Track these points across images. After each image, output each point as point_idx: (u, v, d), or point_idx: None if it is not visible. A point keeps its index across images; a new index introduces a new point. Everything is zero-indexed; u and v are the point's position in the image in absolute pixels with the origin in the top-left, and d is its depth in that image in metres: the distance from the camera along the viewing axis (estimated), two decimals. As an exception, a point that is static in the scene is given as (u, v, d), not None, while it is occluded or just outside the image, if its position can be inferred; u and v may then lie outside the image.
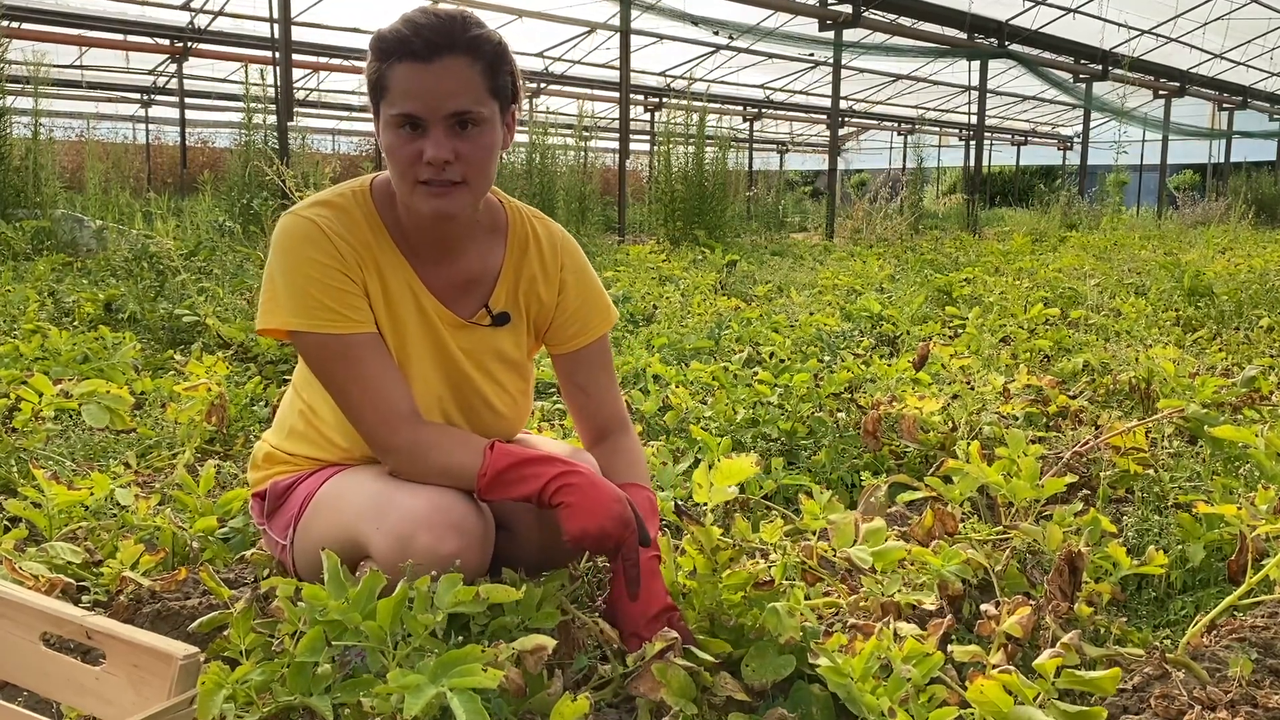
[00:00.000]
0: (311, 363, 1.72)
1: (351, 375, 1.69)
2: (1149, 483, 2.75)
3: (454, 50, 1.62)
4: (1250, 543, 2.04)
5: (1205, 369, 3.97)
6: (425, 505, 1.63)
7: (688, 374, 3.71)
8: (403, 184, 1.69)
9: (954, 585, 1.92)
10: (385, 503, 1.66)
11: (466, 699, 1.18)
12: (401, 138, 1.64)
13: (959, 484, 2.24)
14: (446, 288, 1.83)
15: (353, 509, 1.70)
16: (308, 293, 1.67)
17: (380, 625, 1.32)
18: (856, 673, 1.33)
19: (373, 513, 1.66)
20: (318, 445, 1.86)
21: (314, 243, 1.69)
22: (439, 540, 1.59)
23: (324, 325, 1.68)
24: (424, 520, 1.61)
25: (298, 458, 1.87)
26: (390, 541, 1.60)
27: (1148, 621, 2.29)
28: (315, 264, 1.68)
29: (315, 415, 1.86)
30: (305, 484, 1.82)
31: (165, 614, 1.95)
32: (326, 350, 1.69)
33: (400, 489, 1.69)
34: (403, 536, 1.60)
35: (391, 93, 1.63)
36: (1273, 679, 1.83)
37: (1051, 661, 1.30)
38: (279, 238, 1.71)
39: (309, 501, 1.78)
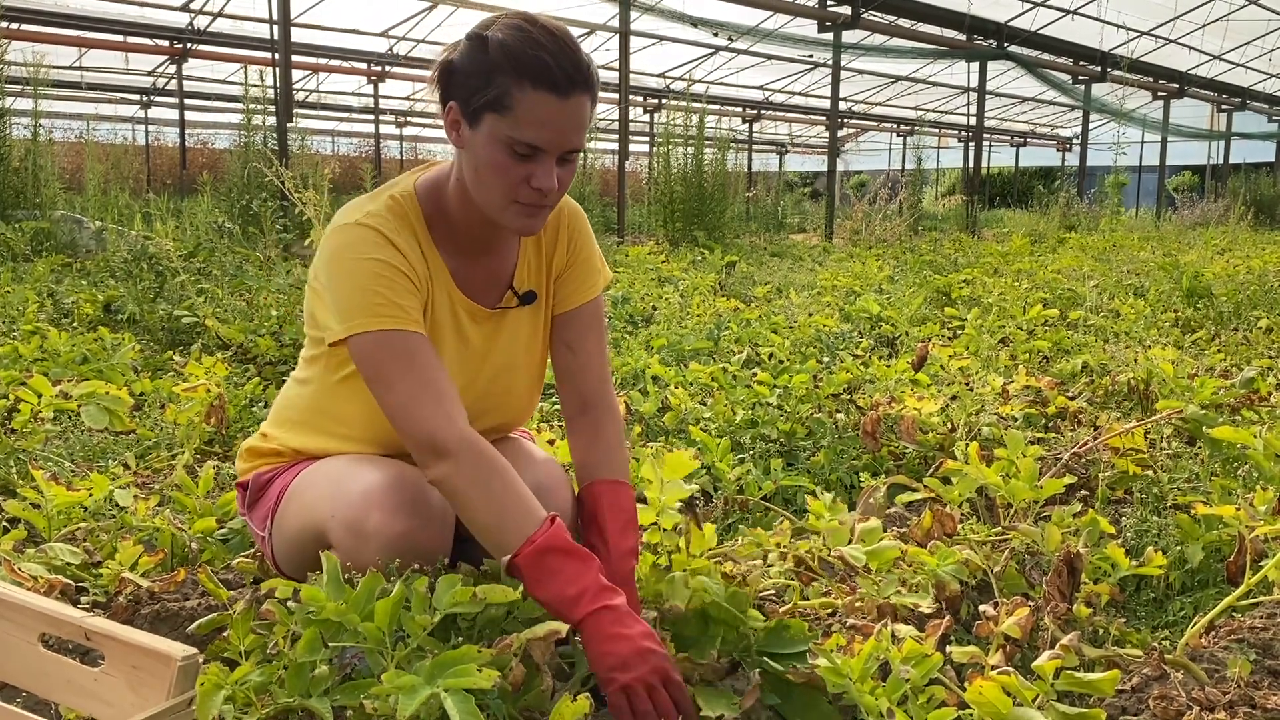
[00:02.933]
0: (369, 362, 1.63)
1: (410, 373, 1.62)
2: (1148, 484, 2.75)
3: (585, 87, 1.60)
4: (1249, 544, 2.05)
5: (1204, 370, 3.97)
6: (378, 483, 1.62)
7: (687, 375, 3.71)
8: (495, 199, 1.66)
9: (951, 586, 1.92)
10: (339, 486, 1.66)
11: (460, 699, 1.19)
12: (512, 159, 1.61)
13: (958, 485, 2.24)
14: (476, 281, 1.82)
15: (315, 497, 1.70)
16: (375, 291, 1.63)
17: (378, 626, 1.32)
18: (855, 673, 1.33)
19: (328, 499, 1.66)
20: (317, 433, 1.85)
21: (380, 247, 1.66)
22: (391, 519, 1.58)
23: (389, 322, 1.63)
24: (376, 500, 1.60)
25: (287, 451, 1.87)
26: (344, 528, 1.60)
27: (1146, 622, 2.29)
28: (383, 265, 1.65)
29: (331, 416, 1.83)
30: (282, 478, 1.82)
31: (164, 615, 1.95)
32: (388, 348, 1.62)
33: (354, 469, 1.68)
34: (355, 520, 1.59)
35: (518, 117, 1.58)
36: (1271, 680, 1.83)
37: (1050, 663, 1.31)
38: (342, 247, 1.67)
39: (284, 495, 1.78)
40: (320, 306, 1.72)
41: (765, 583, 2.03)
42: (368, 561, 1.57)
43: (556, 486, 1.86)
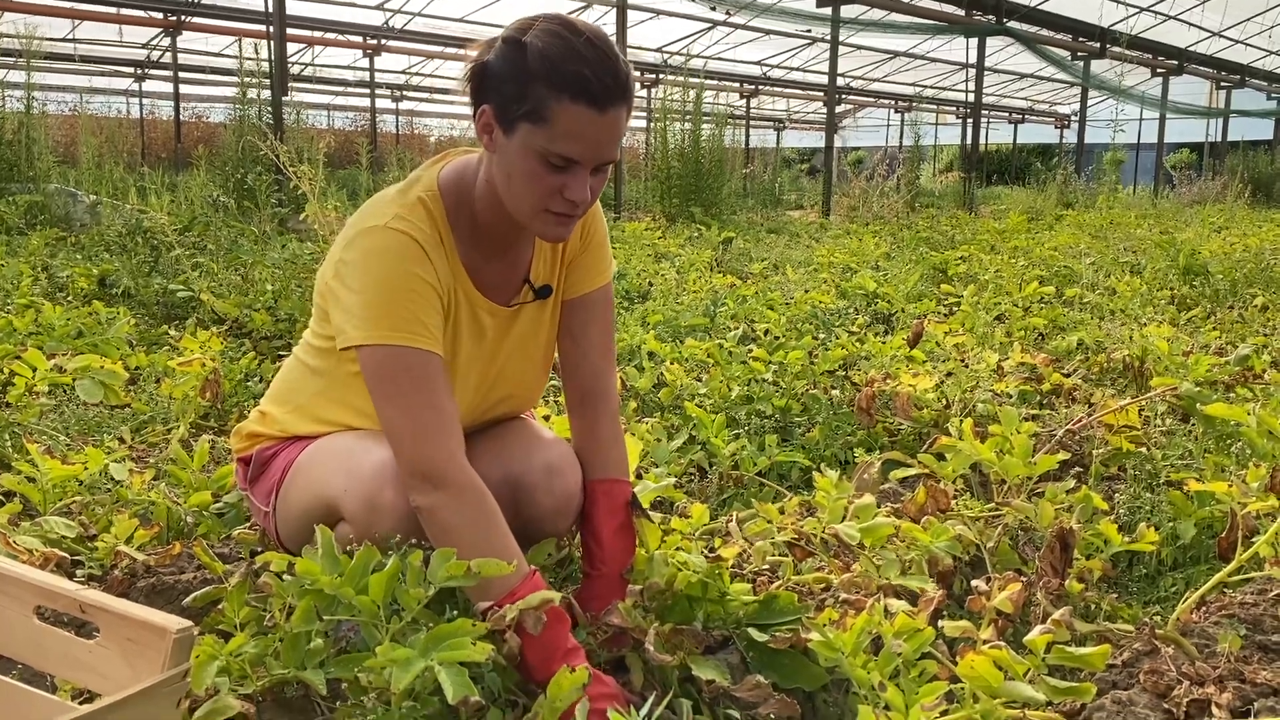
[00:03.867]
0: (380, 373, 1.61)
1: (422, 396, 1.60)
2: (1141, 460, 2.76)
3: (623, 100, 1.58)
4: (1241, 520, 2.06)
5: (1199, 348, 3.98)
6: (391, 460, 1.62)
7: (683, 351, 3.71)
8: (526, 208, 1.64)
9: (944, 561, 1.93)
10: (351, 461, 1.66)
11: (455, 672, 1.19)
12: (547, 170, 1.59)
13: (952, 461, 2.25)
14: (493, 277, 1.81)
15: (325, 471, 1.70)
16: (405, 305, 1.61)
17: (373, 599, 1.33)
18: (848, 647, 1.34)
19: (341, 473, 1.66)
20: (329, 425, 1.84)
21: (416, 260, 1.63)
22: (405, 496, 1.59)
23: (409, 339, 1.60)
24: (391, 475, 1.61)
25: (290, 434, 1.87)
26: (358, 500, 1.61)
27: (1138, 598, 2.30)
28: (415, 278, 1.62)
29: (345, 405, 1.81)
30: (286, 453, 1.82)
31: (160, 588, 1.96)
32: (403, 366, 1.60)
33: (366, 444, 1.68)
34: (369, 494, 1.60)
35: (555, 130, 1.55)
36: (1261, 655, 1.84)
37: (1042, 638, 1.31)
38: (376, 252, 1.63)
39: (289, 470, 1.78)
40: (336, 306, 1.66)
41: (759, 560, 2.04)
42: (381, 535, 1.57)
43: (565, 468, 1.85)
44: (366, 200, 1.79)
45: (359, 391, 1.77)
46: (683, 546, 1.91)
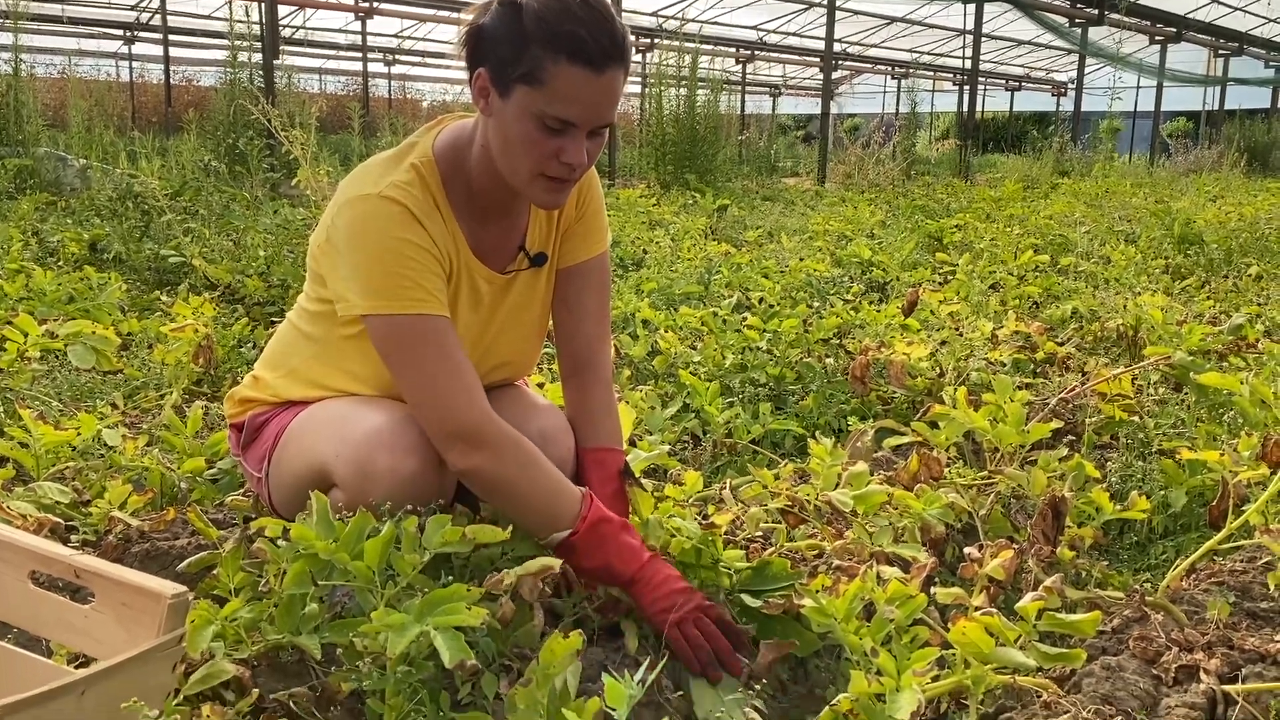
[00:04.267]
0: (392, 344, 1.62)
1: (442, 361, 1.62)
2: (1134, 429, 2.77)
3: (620, 61, 1.56)
4: (1231, 489, 2.07)
5: (1193, 317, 3.98)
6: (383, 424, 1.62)
7: (677, 319, 3.71)
8: (522, 172, 1.63)
9: (936, 529, 1.94)
10: (344, 427, 1.66)
11: (450, 637, 1.20)
12: (543, 133, 1.58)
13: (945, 429, 2.26)
14: (488, 243, 1.79)
15: (317, 438, 1.70)
16: (402, 274, 1.60)
17: (368, 565, 1.33)
18: (840, 613, 1.35)
19: (333, 439, 1.65)
20: (324, 390, 1.83)
21: (406, 226, 1.62)
22: (398, 460, 1.60)
23: (415, 306, 1.61)
24: (384, 441, 1.61)
25: (283, 400, 1.86)
26: (351, 465, 1.61)
27: (1129, 565, 2.32)
28: (409, 245, 1.61)
29: (341, 370, 1.80)
30: (279, 419, 1.81)
31: (154, 554, 1.96)
32: (418, 334, 1.61)
33: (359, 409, 1.68)
34: (361, 460, 1.60)
35: (551, 92, 1.54)
36: (1249, 622, 1.85)
37: (1033, 604, 1.32)
38: (366, 220, 1.62)
39: (281, 436, 1.78)
40: (333, 273, 1.67)
41: (752, 527, 2.05)
42: (374, 501, 1.57)
43: (559, 434, 1.87)
44: (358, 165, 1.78)
45: (353, 356, 1.76)
46: (676, 513, 1.91)
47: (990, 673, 1.36)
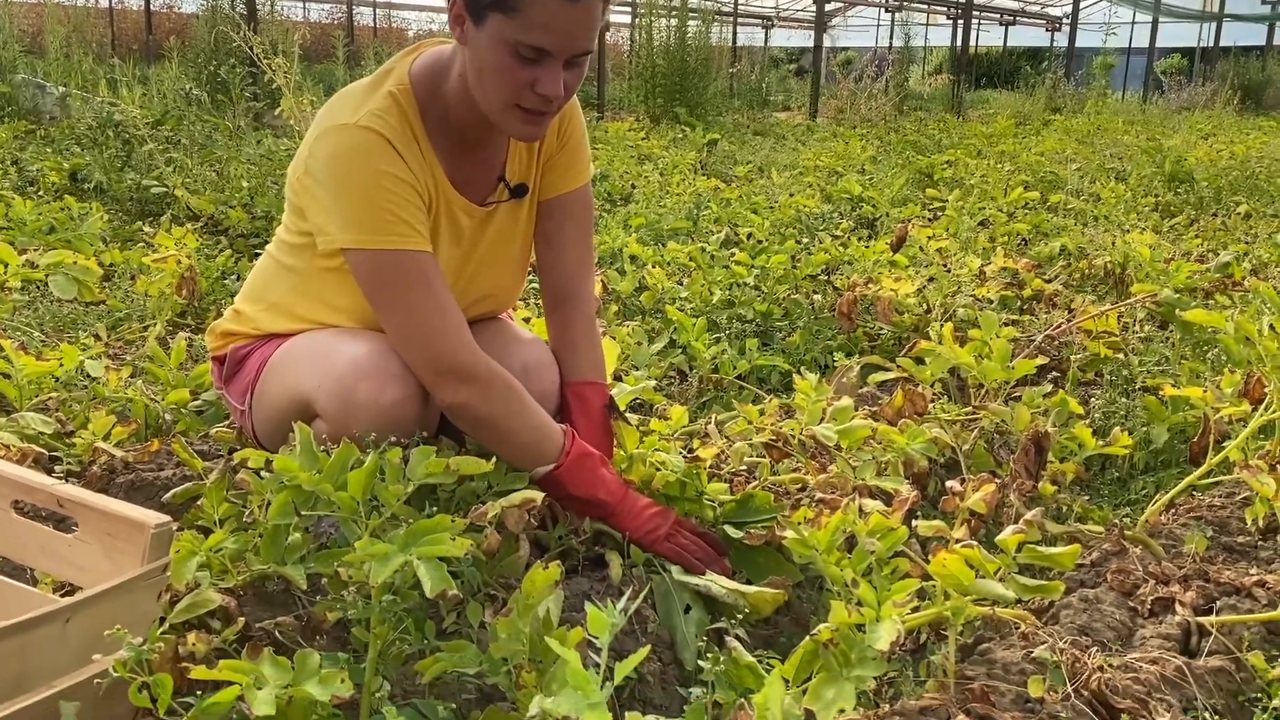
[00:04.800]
0: (376, 279, 1.61)
1: (428, 298, 1.60)
2: (1118, 366, 2.79)
3: None
4: (1213, 425, 2.08)
5: (1181, 255, 3.98)
6: (364, 355, 1.62)
7: (665, 254, 3.69)
8: (496, 103, 1.59)
9: (920, 463, 1.95)
10: (326, 358, 1.65)
11: (433, 567, 1.20)
12: (517, 63, 1.53)
13: (930, 365, 2.26)
14: (467, 174, 1.76)
15: (299, 370, 1.69)
16: (383, 207, 1.57)
17: (352, 496, 1.33)
18: (822, 545, 1.36)
19: (315, 371, 1.64)
20: (305, 323, 1.82)
21: (385, 157, 1.59)
22: (380, 390, 1.59)
23: (398, 241, 1.58)
24: (365, 371, 1.60)
25: (265, 333, 1.85)
26: (333, 396, 1.60)
27: (1110, 500, 2.34)
28: (388, 177, 1.58)
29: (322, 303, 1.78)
30: (261, 351, 1.80)
31: (139, 485, 1.96)
32: (402, 270, 1.59)
33: (340, 340, 1.67)
34: (343, 390, 1.59)
35: (526, 20, 1.49)
36: (1226, 555, 1.88)
37: (1013, 537, 1.33)
38: (341, 152, 1.59)
39: (264, 368, 1.77)
40: (313, 205, 1.64)
41: (736, 461, 2.06)
42: (357, 432, 1.57)
43: (542, 369, 1.86)
44: (337, 92, 1.74)
45: (333, 288, 1.75)
46: (661, 447, 1.92)
47: (970, 604, 1.37)
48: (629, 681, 1.58)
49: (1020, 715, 1.32)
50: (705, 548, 1.76)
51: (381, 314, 1.65)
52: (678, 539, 1.76)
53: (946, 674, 1.37)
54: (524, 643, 1.30)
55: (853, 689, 1.15)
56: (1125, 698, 1.36)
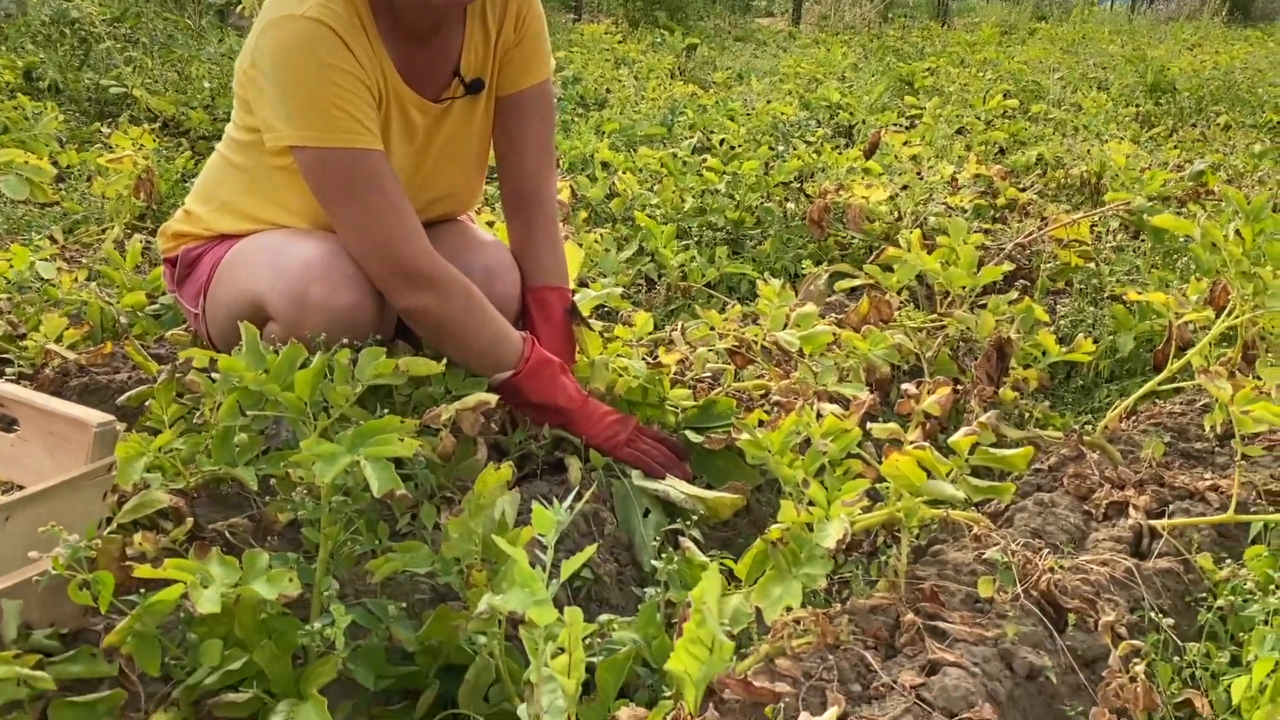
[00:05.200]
0: (326, 178, 1.57)
1: (380, 199, 1.57)
2: (1089, 276, 2.77)
3: None
4: (1176, 332, 2.08)
5: (1158, 165, 3.95)
6: (318, 255, 1.59)
7: (637, 160, 3.62)
8: None
9: (882, 370, 1.95)
10: (277, 259, 1.61)
11: (381, 467, 1.18)
12: None
13: (898, 272, 2.23)
14: (420, 69, 1.70)
15: (251, 271, 1.65)
16: (333, 103, 1.52)
17: (299, 396, 1.31)
18: (775, 446, 1.35)
19: (267, 272, 1.61)
20: (256, 224, 1.78)
21: (335, 51, 1.52)
22: (333, 292, 1.57)
23: (348, 139, 1.54)
24: (318, 271, 1.57)
25: (216, 234, 1.80)
26: (285, 297, 1.57)
27: (1073, 409, 2.35)
28: (336, 71, 1.52)
29: (272, 202, 1.74)
30: (213, 252, 1.76)
31: (93, 387, 1.93)
32: (355, 170, 1.55)
33: (293, 241, 1.64)
34: (296, 292, 1.56)
35: None
36: (1183, 461, 1.89)
37: (966, 439, 1.33)
38: (287, 45, 1.52)
39: (216, 269, 1.73)
40: (260, 100, 1.58)
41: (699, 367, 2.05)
42: (310, 334, 1.54)
43: (503, 271, 1.83)
44: None
45: (285, 187, 1.70)
46: (624, 353, 1.90)
47: (923, 506, 1.38)
48: (586, 582, 1.59)
49: (969, 615, 1.33)
50: (666, 453, 1.77)
51: (332, 215, 1.61)
52: (638, 444, 1.76)
53: (898, 575, 1.38)
54: (476, 543, 1.29)
55: (799, 587, 1.16)
56: (1074, 598, 1.38)
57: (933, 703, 1.15)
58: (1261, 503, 1.66)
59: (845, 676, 1.20)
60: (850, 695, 1.18)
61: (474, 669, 1.27)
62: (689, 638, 0.82)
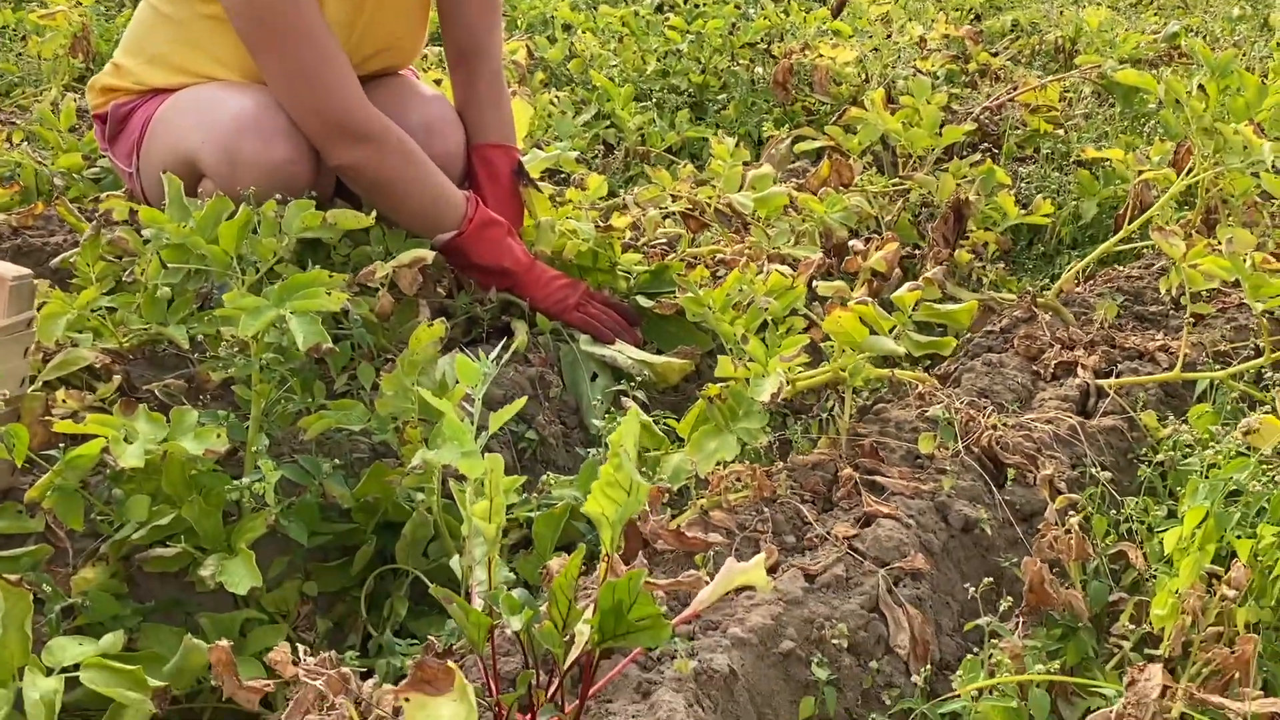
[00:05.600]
0: (258, 32, 1.50)
1: (311, 49, 1.50)
2: (1056, 142, 2.72)
3: None
4: (1138, 195, 2.05)
5: (1135, 30, 3.85)
6: (250, 109, 1.53)
7: (598, 20, 3.49)
8: None
9: (839, 233, 1.91)
10: (209, 113, 1.55)
11: (307, 321, 1.15)
12: None
13: (860, 133, 2.18)
14: None
15: (183, 126, 1.59)
16: None
17: (224, 249, 1.26)
18: (717, 303, 1.32)
19: (199, 126, 1.55)
20: (187, 77, 1.70)
21: None
22: (267, 145, 1.51)
23: None
24: (250, 125, 1.51)
25: (146, 88, 1.72)
26: (217, 152, 1.52)
27: (1034, 275, 2.33)
28: None
29: (202, 51, 1.66)
30: (144, 108, 1.68)
31: (26, 249, 1.87)
32: (284, 19, 1.49)
33: (225, 94, 1.57)
34: (229, 145, 1.51)
35: None
36: (1136, 324, 1.89)
37: (911, 294, 1.30)
38: None
39: (148, 125, 1.66)
40: None
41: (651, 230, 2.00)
42: (244, 191, 1.49)
43: (445, 127, 1.77)
44: None
45: (214, 38, 1.62)
46: (574, 216, 1.86)
47: (868, 366, 1.36)
48: (531, 444, 1.58)
49: (908, 470, 1.33)
50: (615, 318, 1.74)
51: (263, 67, 1.55)
52: (587, 309, 1.73)
53: (839, 432, 1.37)
54: (412, 400, 1.27)
55: (735, 440, 1.15)
56: (1015, 454, 1.38)
57: (865, 553, 1.15)
58: (1210, 362, 1.66)
59: (780, 529, 1.20)
60: (784, 546, 1.18)
61: (411, 524, 1.26)
62: (606, 480, 0.80)
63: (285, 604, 1.23)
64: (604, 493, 0.81)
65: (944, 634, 1.16)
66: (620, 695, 0.95)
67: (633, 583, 0.76)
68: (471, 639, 0.85)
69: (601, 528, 0.82)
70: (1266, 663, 1.11)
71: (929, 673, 1.06)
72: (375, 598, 1.29)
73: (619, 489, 0.81)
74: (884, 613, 1.10)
